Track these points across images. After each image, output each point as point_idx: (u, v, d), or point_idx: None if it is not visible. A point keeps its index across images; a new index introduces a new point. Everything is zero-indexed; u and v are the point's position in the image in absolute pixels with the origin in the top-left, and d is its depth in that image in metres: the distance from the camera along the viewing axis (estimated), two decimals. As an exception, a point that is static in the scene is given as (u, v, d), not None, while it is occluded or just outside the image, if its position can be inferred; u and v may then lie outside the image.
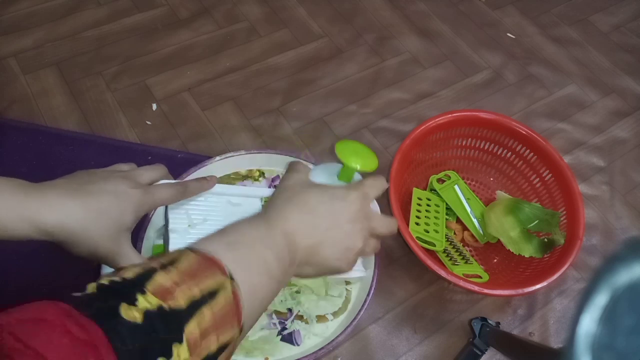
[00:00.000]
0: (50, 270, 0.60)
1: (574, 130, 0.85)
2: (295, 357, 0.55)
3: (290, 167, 0.48)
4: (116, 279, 0.30)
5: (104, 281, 0.29)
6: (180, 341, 0.28)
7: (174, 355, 0.28)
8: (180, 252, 0.33)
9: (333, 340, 0.55)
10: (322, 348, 0.54)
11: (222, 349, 0.31)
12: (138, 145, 0.73)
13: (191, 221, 0.54)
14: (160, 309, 0.29)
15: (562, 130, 0.85)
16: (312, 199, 0.43)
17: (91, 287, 0.29)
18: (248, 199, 0.59)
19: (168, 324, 0.28)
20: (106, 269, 0.47)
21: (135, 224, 0.45)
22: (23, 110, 0.75)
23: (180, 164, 0.69)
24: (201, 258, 0.33)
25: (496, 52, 0.94)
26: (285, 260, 0.39)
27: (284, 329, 0.59)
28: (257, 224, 0.40)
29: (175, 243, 0.52)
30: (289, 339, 0.58)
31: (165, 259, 0.32)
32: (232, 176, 0.68)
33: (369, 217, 0.45)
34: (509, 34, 0.97)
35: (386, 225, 0.47)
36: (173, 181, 0.51)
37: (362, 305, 0.57)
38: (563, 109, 0.88)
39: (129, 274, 0.30)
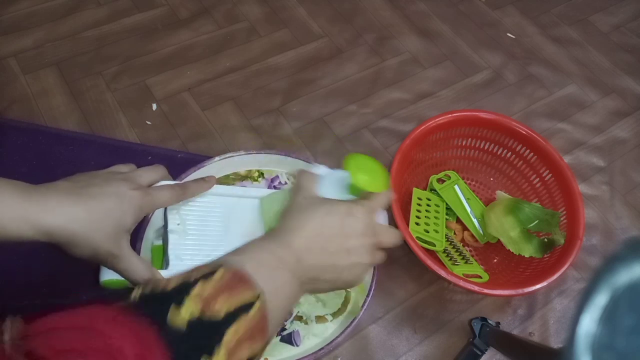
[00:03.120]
0: (51, 270, 0.60)
1: (574, 130, 0.85)
2: (294, 357, 0.55)
3: (298, 182, 0.48)
4: (157, 289, 0.32)
5: (146, 291, 0.31)
6: (219, 348, 0.31)
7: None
8: (215, 266, 0.35)
9: (332, 341, 0.55)
10: (321, 348, 0.54)
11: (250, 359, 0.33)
12: (138, 145, 0.73)
13: (190, 222, 0.54)
14: (201, 317, 0.31)
15: (562, 130, 0.85)
16: (321, 217, 0.43)
17: (134, 296, 0.31)
18: (247, 199, 0.59)
19: (209, 332, 0.31)
20: (105, 271, 0.47)
21: (135, 225, 0.45)
22: (23, 110, 0.75)
23: (180, 164, 0.69)
24: (233, 273, 0.35)
25: (496, 52, 0.94)
26: (299, 279, 0.40)
27: (283, 329, 0.58)
28: (270, 244, 0.41)
29: (175, 244, 0.52)
30: (288, 339, 0.58)
31: (202, 271, 0.34)
32: (231, 177, 0.68)
33: (375, 231, 0.46)
34: (509, 34, 0.97)
35: (392, 238, 0.48)
36: (173, 182, 0.51)
37: (362, 306, 0.57)
38: (563, 109, 0.88)
39: (171, 284, 0.32)
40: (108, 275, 0.47)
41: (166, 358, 0.28)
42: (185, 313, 0.30)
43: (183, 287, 0.32)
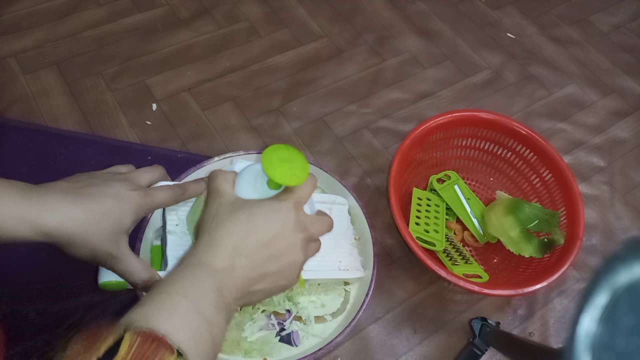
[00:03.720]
0: (51, 270, 0.60)
1: (574, 130, 0.85)
2: (294, 357, 0.55)
3: (211, 186, 0.45)
4: None
5: None
6: None
7: None
8: (121, 334, 0.31)
9: (332, 341, 0.55)
10: (321, 349, 0.54)
11: None
12: (138, 145, 0.73)
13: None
14: None
15: (562, 130, 0.85)
16: (241, 225, 0.40)
17: None
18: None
19: None
20: (104, 272, 0.47)
21: (134, 226, 0.45)
22: (23, 110, 0.75)
23: (180, 164, 0.69)
24: (145, 339, 0.31)
25: (496, 52, 0.94)
26: (228, 300, 0.38)
27: (282, 329, 0.58)
28: (190, 272, 0.38)
29: (173, 244, 0.52)
30: (287, 339, 0.58)
31: (104, 347, 0.30)
32: (231, 176, 0.68)
33: (305, 225, 0.43)
34: (509, 34, 0.97)
35: (323, 226, 0.46)
36: (172, 183, 0.51)
37: (361, 306, 0.57)
38: (563, 109, 0.88)
39: None
40: (107, 277, 0.47)
41: None
42: None
43: None
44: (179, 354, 0.31)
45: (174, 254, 0.51)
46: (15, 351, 0.54)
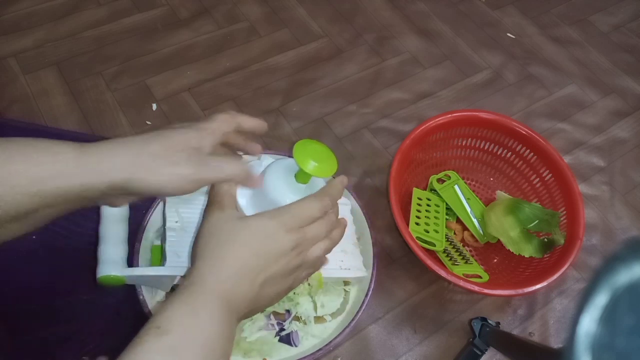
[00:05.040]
0: (51, 270, 0.60)
1: (574, 130, 0.85)
2: (293, 357, 0.55)
3: (212, 199, 0.43)
4: None
5: None
6: None
7: None
8: None
9: (331, 341, 0.55)
10: (320, 349, 0.54)
11: None
12: (138, 145, 0.73)
13: (188, 220, 0.54)
14: None
15: (562, 130, 0.85)
16: (242, 245, 0.39)
17: None
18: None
19: None
20: (102, 267, 0.46)
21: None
22: (23, 110, 0.75)
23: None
24: None
25: (496, 52, 0.94)
26: (229, 326, 0.37)
27: (281, 330, 0.58)
28: (191, 299, 0.36)
29: (172, 241, 0.52)
30: (287, 340, 0.58)
31: None
32: (231, 176, 0.68)
33: (300, 245, 0.41)
34: (509, 34, 0.97)
35: (323, 248, 0.44)
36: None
37: (361, 306, 0.57)
38: (563, 109, 0.88)
39: None
40: (105, 271, 0.47)
41: None
42: None
43: None
44: None
45: (172, 249, 0.51)
46: (16, 350, 0.54)
